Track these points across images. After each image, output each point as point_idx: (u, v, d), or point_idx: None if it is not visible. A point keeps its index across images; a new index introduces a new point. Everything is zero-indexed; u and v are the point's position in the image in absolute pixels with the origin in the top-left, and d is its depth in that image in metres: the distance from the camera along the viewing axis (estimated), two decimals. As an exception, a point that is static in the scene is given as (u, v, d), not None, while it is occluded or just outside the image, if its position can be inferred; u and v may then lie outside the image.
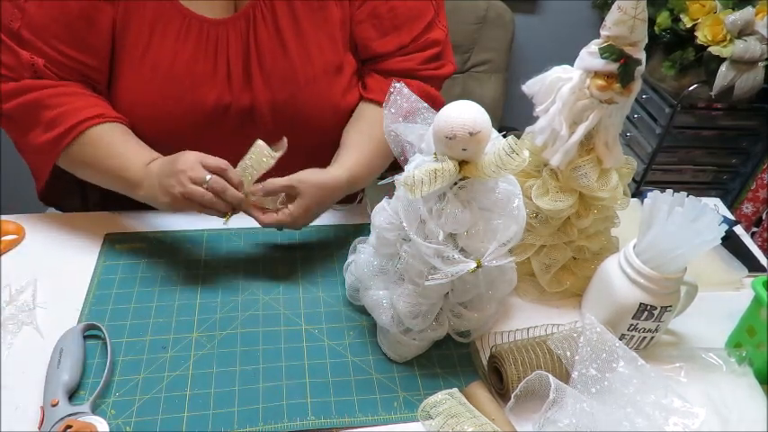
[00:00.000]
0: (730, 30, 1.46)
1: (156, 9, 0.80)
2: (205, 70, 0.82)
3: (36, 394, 0.65)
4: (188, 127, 0.84)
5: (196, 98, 0.82)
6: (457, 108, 0.57)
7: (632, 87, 0.67)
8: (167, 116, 0.83)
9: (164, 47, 0.81)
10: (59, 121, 0.78)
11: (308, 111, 0.87)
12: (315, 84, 0.86)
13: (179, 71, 0.82)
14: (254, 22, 0.83)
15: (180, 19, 0.81)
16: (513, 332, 0.73)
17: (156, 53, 0.81)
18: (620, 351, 0.65)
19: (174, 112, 0.83)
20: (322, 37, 0.86)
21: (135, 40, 0.80)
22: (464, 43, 1.69)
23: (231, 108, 0.85)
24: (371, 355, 0.73)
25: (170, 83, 0.82)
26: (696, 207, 0.66)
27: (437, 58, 0.93)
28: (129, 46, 0.81)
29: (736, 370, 0.70)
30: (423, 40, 0.90)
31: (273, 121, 0.86)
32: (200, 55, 0.82)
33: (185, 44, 0.81)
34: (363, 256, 0.74)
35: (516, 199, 0.64)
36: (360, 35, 0.89)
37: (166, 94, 0.82)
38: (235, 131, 0.86)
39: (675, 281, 0.69)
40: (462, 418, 0.62)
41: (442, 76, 0.95)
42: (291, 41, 0.84)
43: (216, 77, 0.83)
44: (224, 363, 0.71)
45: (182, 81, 0.82)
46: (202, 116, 0.84)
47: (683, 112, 1.63)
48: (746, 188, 1.80)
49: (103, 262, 0.83)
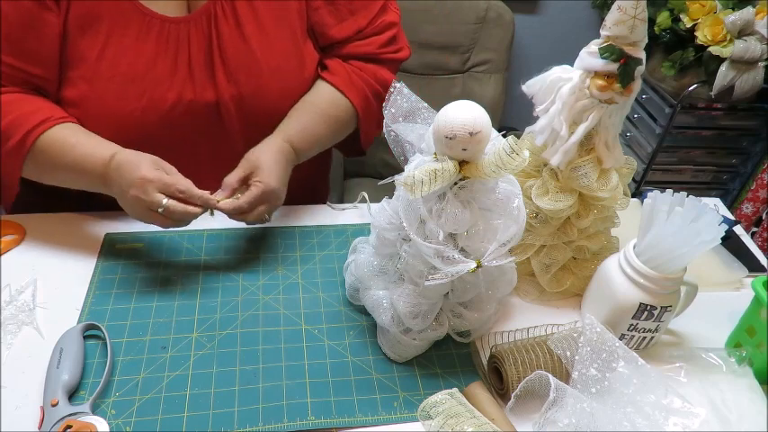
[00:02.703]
0: (730, 30, 1.46)
1: (114, 9, 0.79)
2: (165, 69, 0.82)
3: (36, 394, 0.65)
4: (152, 127, 0.83)
5: (156, 96, 0.81)
6: (457, 108, 0.57)
7: (632, 87, 0.67)
8: (128, 117, 0.81)
9: (122, 47, 0.80)
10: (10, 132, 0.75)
11: (274, 104, 0.88)
12: (279, 76, 0.87)
13: (139, 71, 0.81)
14: (215, 18, 0.83)
15: (140, 18, 0.80)
16: (513, 332, 0.73)
17: (113, 54, 0.80)
18: (620, 351, 0.65)
19: (134, 112, 0.81)
20: (282, 28, 0.87)
21: (90, 43, 0.79)
22: (464, 43, 1.69)
23: (195, 105, 0.84)
24: (371, 355, 0.73)
25: (130, 83, 0.80)
26: (696, 207, 0.66)
27: (394, 40, 0.95)
28: (83, 49, 0.79)
29: (736, 370, 0.70)
30: (379, 22, 0.93)
31: (239, 116, 0.86)
32: (161, 54, 0.81)
33: (145, 44, 0.81)
34: (363, 256, 0.74)
35: (516, 199, 0.64)
36: (317, 22, 0.90)
37: (126, 95, 0.81)
38: (201, 129, 0.86)
39: (675, 281, 0.69)
40: (462, 418, 0.62)
41: (400, 60, 0.98)
42: (253, 35, 0.84)
43: (176, 75, 0.82)
44: (224, 363, 0.71)
45: (141, 81, 0.81)
46: (164, 115, 0.83)
47: (683, 112, 1.63)
48: (746, 188, 1.80)
49: (103, 262, 0.83)
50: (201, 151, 0.83)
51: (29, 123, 0.76)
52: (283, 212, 0.95)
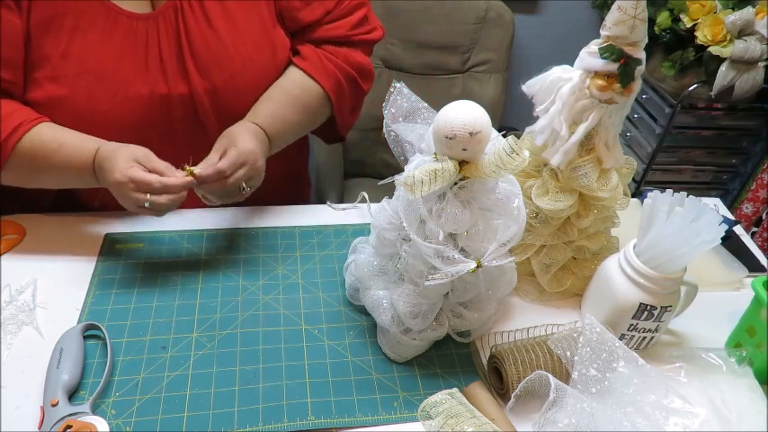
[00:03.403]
0: (730, 30, 1.46)
1: (78, 6, 0.78)
2: (136, 64, 0.81)
3: (36, 394, 0.65)
4: (125, 123, 0.82)
5: (130, 94, 0.81)
6: (457, 108, 0.57)
7: (632, 87, 0.67)
8: (101, 114, 0.80)
9: (88, 43, 0.78)
10: None
11: (247, 94, 0.87)
12: (250, 65, 0.86)
13: (108, 67, 0.79)
14: (182, 12, 0.82)
15: (105, 14, 0.79)
16: (513, 332, 0.73)
17: (79, 51, 0.78)
18: (621, 351, 0.65)
19: (107, 111, 0.80)
20: (250, 17, 0.86)
21: (54, 41, 0.77)
22: (464, 43, 1.69)
23: (168, 99, 0.83)
24: (371, 355, 0.73)
25: (99, 80, 0.79)
26: (696, 207, 0.66)
27: (365, 21, 0.94)
28: (47, 48, 0.77)
29: (736, 370, 0.70)
30: (347, 2, 0.91)
31: (213, 108, 0.85)
32: (130, 49, 0.80)
33: (112, 40, 0.80)
34: (363, 256, 0.74)
35: (516, 199, 0.64)
36: (285, 6, 0.89)
37: (96, 92, 0.79)
38: (176, 122, 0.85)
39: (675, 281, 0.69)
40: (462, 418, 0.62)
41: (372, 41, 0.97)
42: (221, 26, 0.84)
43: (148, 71, 0.82)
44: (224, 363, 0.71)
45: (112, 77, 0.80)
46: (138, 110, 0.82)
47: (683, 112, 1.63)
48: (746, 188, 1.80)
49: (103, 262, 0.83)
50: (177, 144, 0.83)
51: (6, 129, 0.74)
52: (283, 212, 0.95)
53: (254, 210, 0.94)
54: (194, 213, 0.92)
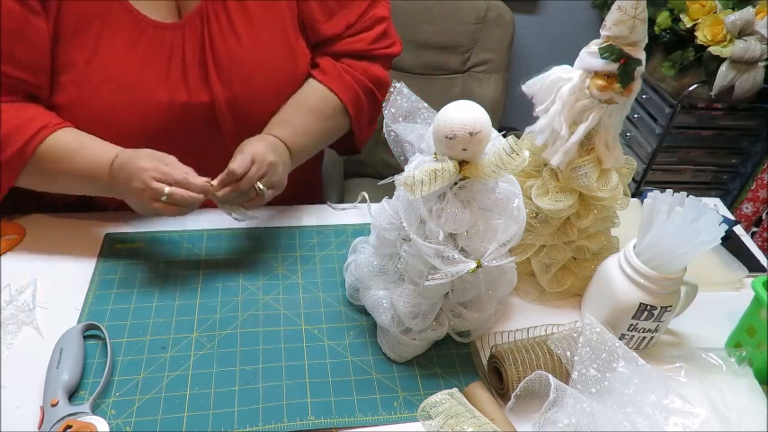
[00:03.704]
0: (730, 30, 1.46)
1: (105, 12, 0.78)
2: (158, 74, 0.81)
3: (36, 394, 0.65)
4: (146, 132, 0.82)
5: (150, 102, 0.81)
6: (457, 108, 0.57)
7: (632, 87, 0.67)
8: (121, 124, 0.80)
9: (113, 51, 0.79)
10: (9, 141, 0.74)
11: (267, 103, 0.87)
12: (272, 75, 0.86)
13: (130, 78, 0.80)
14: (207, 20, 0.82)
15: (132, 23, 0.79)
16: (513, 332, 0.73)
17: (103, 58, 0.78)
18: (620, 351, 0.65)
19: (127, 119, 0.81)
20: (274, 27, 0.86)
21: (81, 47, 0.78)
22: (464, 43, 1.69)
23: (188, 107, 0.83)
24: (371, 355, 0.73)
25: (121, 89, 0.79)
26: (696, 207, 0.66)
27: (385, 35, 0.95)
28: (73, 53, 0.78)
29: (736, 370, 0.70)
30: (369, 16, 0.92)
31: (233, 116, 0.86)
32: (153, 59, 0.81)
33: (137, 49, 0.80)
34: (363, 256, 0.74)
35: (516, 199, 0.64)
36: (308, 18, 0.89)
37: (117, 101, 0.80)
38: (196, 131, 0.86)
39: (675, 281, 0.69)
40: (462, 418, 0.62)
41: (392, 55, 0.97)
42: (245, 34, 0.84)
43: (169, 78, 0.82)
44: (224, 363, 0.71)
45: (133, 88, 0.80)
46: (158, 118, 0.82)
47: (683, 112, 1.63)
48: (746, 188, 1.80)
49: (103, 262, 0.83)
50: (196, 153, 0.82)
51: (28, 131, 0.75)
52: (283, 212, 0.95)
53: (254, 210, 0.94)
54: (194, 213, 0.92)
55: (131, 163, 0.73)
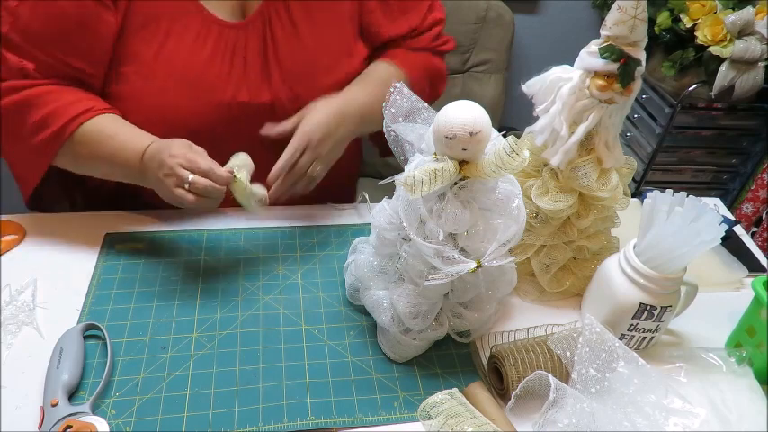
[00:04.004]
0: (730, 30, 1.46)
1: (176, 10, 0.80)
2: (221, 72, 0.83)
3: (36, 394, 0.65)
4: (206, 129, 0.84)
5: (212, 100, 0.83)
6: (457, 108, 0.57)
7: (632, 87, 0.67)
8: (182, 119, 0.83)
9: (180, 47, 0.81)
10: (49, 121, 0.77)
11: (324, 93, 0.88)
12: (332, 75, 0.89)
13: (194, 74, 0.82)
14: (269, 20, 0.84)
15: (200, 21, 0.82)
16: (513, 332, 0.73)
17: (171, 53, 0.81)
18: (620, 351, 0.65)
19: (189, 114, 0.83)
20: (334, 29, 0.89)
21: (149, 40, 0.80)
22: (464, 43, 1.69)
23: (249, 106, 0.85)
24: (371, 355, 0.73)
25: (185, 83, 0.82)
26: (696, 207, 0.66)
27: (440, 35, 1.00)
28: (140, 46, 0.80)
29: (736, 370, 0.70)
30: (429, 19, 0.96)
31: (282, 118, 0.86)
32: (217, 58, 0.83)
33: (203, 46, 0.82)
34: (363, 256, 0.74)
35: (516, 199, 0.64)
36: (371, 23, 0.93)
37: (181, 94, 0.82)
38: (256, 131, 0.86)
39: (675, 281, 0.69)
40: (462, 418, 0.62)
41: (448, 51, 1.03)
42: (307, 35, 0.86)
43: (231, 78, 0.84)
44: (224, 363, 0.71)
45: (197, 84, 0.82)
46: (218, 115, 0.84)
47: (683, 112, 1.63)
48: (746, 188, 1.80)
49: (103, 262, 0.83)
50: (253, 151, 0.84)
51: (69, 113, 0.77)
52: (284, 212, 0.95)
53: (254, 210, 0.94)
54: (194, 213, 0.92)
55: (163, 151, 0.74)
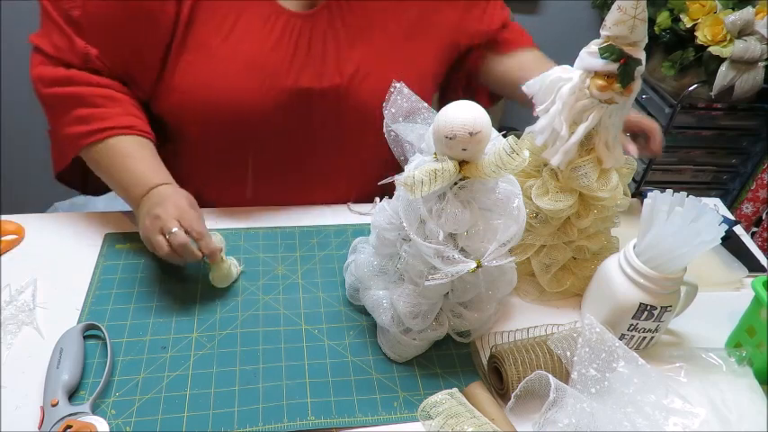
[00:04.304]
0: (730, 30, 1.46)
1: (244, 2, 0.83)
2: (285, 57, 0.85)
3: (36, 394, 0.65)
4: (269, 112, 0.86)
5: (276, 84, 0.85)
6: (457, 108, 0.57)
7: (632, 87, 0.67)
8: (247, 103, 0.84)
9: (248, 33, 0.83)
10: (90, 120, 0.80)
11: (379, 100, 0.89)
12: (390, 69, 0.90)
13: (260, 60, 0.84)
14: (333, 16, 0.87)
15: (269, 9, 0.84)
16: (513, 332, 0.73)
17: (237, 40, 0.83)
18: (620, 351, 0.65)
19: (253, 99, 0.84)
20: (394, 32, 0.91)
21: (216, 28, 0.82)
22: (464, 43, 1.69)
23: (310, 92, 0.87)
24: (371, 355, 0.73)
25: (250, 70, 0.84)
26: (696, 207, 0.66)
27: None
28: (207, 33, 0.82)
29: (736, 370, 0.70)
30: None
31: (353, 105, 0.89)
32: (283, 43, 0.85)
33: (270, 33, 0.84)
34: (363, 256, 0.74)
35: (516, 199, 0.64)
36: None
37: (245, 81, 0.84)
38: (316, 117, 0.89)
39: (675, 281, 0.69)
40: (462, 418, 0.62)
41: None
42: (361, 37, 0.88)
43: (294, 64, 0.85)
44: (224, 363, 0.71)
45: (261, 69, 0.84)
46: (279, 102, 0.86)
47: (683, 112, 1.63)
48: (746, 188, 1.80)
49: (103, 262, 0.83)
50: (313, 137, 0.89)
51: (111, 121, 0.80)
52: (284, 212, 0.95)
53: (254, 210, 0.94)
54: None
55: (172, 195, 0.76)
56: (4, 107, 1.73)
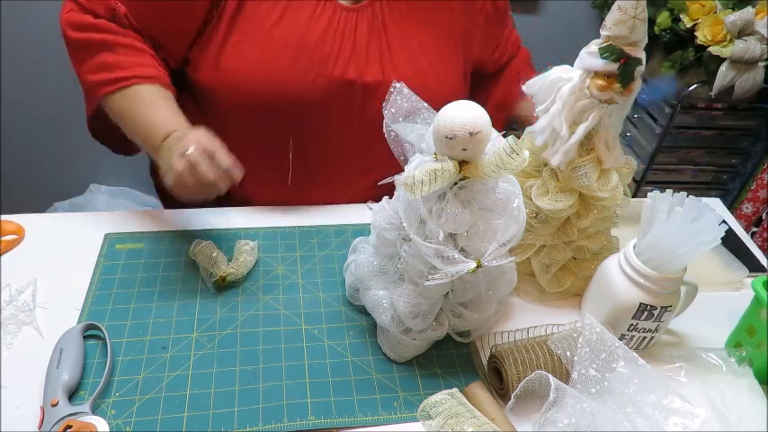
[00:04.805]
0: (730, 30, 1.46)
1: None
2: (332, 48, 0.88)
3: (36, 394, 0.65)
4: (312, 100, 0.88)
5: (324, 72, 0.87)
6: (457, 108, 0.57)
7: (632, 87, 0.67)
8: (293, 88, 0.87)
9: (298, 20, 0.86)
10: (113, 67, 0.82)
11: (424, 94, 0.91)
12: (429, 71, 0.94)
13: (308, 47, 0.86)
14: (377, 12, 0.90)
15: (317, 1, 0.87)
16: (513, 332, 0.73)
17: (289, 25, 0.86)
18: (620, 351, 0.65)
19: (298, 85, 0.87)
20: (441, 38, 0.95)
21: (268, 11, 0.85)
22: (464, 43, 1.69)
23: (355, 84, 0.89)
24: (371, 355, 0.73)
25: (298, 56, 0.86)
26: (696, 207, 0.66)
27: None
28: (259, 16, 0.85)
29: (736, 370, 0.70)
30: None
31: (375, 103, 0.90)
32: (329, 34, 0.87)
33: (317, 23, 0.87)
34: (363, 256, 0.74)
35: (516, 199, 0.64)
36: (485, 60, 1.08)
37: (293, 66, 0.86)
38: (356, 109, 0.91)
39: (675, 281, 0.69)
40: (462, 418, 0.62)
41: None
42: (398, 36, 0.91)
43: (341, 55, 0.88)
44: (224, 363, 0.71)
45: (309, 57, 0.86)
46: (326, 91, 0.88)
47: (683, 112, 1.63)
48: (746, 188, 1.80)
49: (103, 262, 0.83)
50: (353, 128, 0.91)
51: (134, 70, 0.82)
52: (284, 212, 0.95)
53: (254, 210, 0.94)
54: (194, 213, 0.92)
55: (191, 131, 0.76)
56: (4, 107, 1.73)
